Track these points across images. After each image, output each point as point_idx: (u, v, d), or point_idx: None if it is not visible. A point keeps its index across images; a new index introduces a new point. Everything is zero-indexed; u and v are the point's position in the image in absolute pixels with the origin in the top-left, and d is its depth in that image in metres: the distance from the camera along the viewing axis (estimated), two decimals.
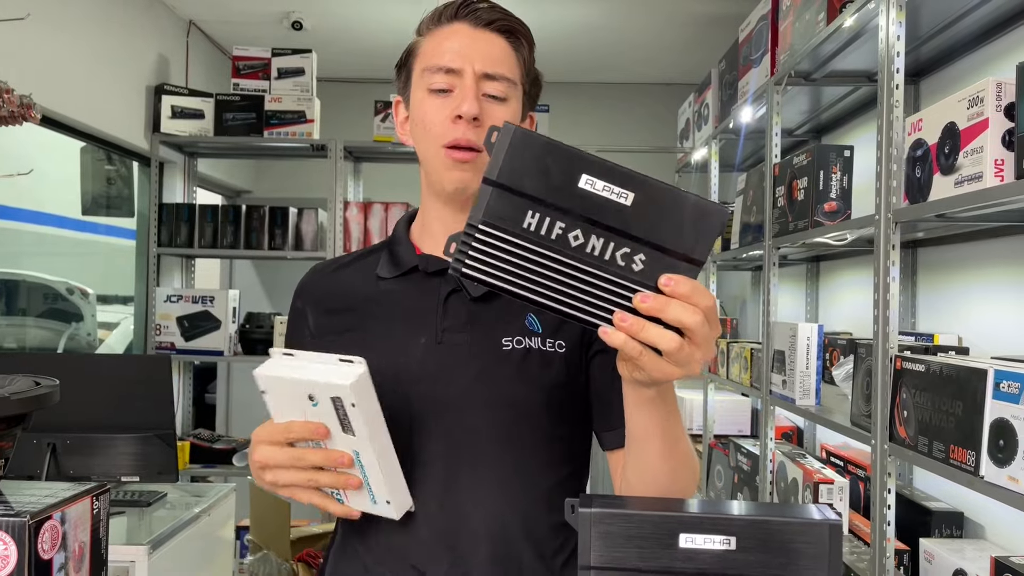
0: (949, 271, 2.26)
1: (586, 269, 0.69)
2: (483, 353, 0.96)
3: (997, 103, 1.32)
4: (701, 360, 0.71)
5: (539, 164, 0.68)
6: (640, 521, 0.72)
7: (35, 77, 2.61)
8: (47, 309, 4.31)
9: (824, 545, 0.70)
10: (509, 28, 0.99)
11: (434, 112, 0.97)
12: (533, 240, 0.69)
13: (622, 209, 0.68)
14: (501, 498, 0.94)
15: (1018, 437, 1.22)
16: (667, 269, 0.69)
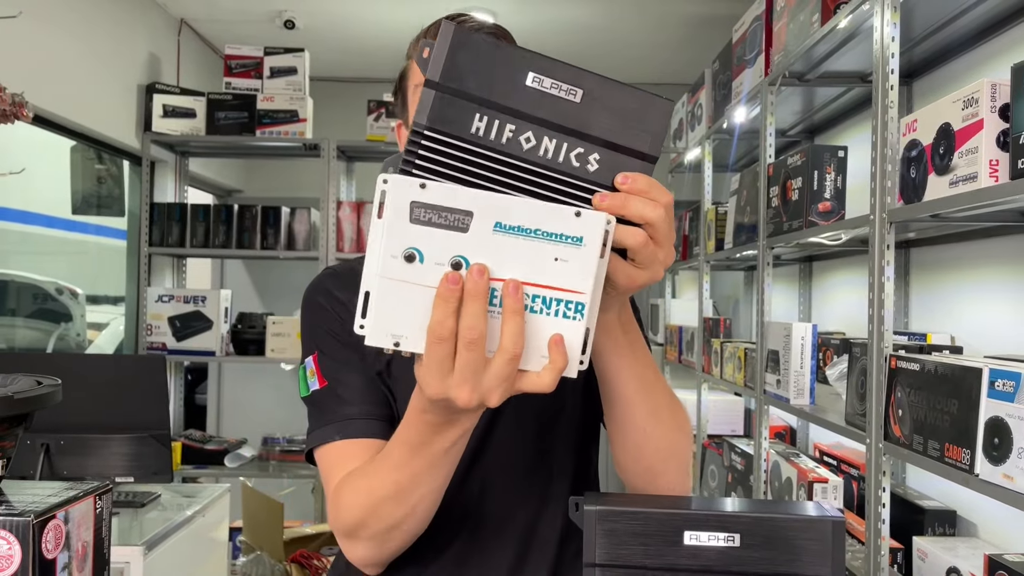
0: (942, 271, 2.28)
1: (541, 172, 0.66)
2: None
3: (992, 104, 1.33)
4: (664, 260, 0.70)
5: (483, 64, 0.65)
6: (645, 518, 0.72)
7: (26, 75, 2.59)
8: (36, 309, 4.28)
9: (827, 541, 0.71)
10: (496, 38, 0.98)
11: None
12: (483, 145, 0.65)
13: (572, 107, 0.66)
14: (526, 504, 0.95)
15: (1013, 435, 1.23)
16: (622, 167, 0.67)
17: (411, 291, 0.62)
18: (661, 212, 0.67)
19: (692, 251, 3.49)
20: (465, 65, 0.64)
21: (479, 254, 0.62)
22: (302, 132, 3.51)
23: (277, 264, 4.09)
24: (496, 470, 0.95)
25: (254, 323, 3.57)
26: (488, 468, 0.95)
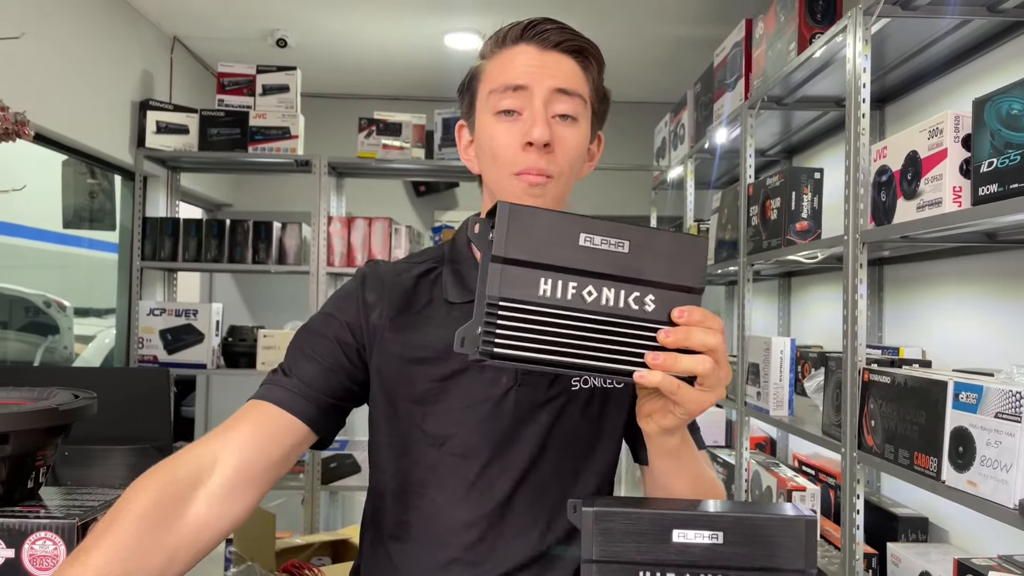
0: (913, 288, 2.38)
1: (606, 319, 0.74)
2: (557, 395, 0.98)
3: (955, 134, 1.42)
4: (725, 380, 0.77)
5: (539, 233, 0.73)
6: (637, 518, 0.79)
7: (22, 93, 2.64)
8: (25, 322, 4.30)
9: (802, 538, 0.78)
10: (578, 48, 0.97)
11: (502, 136, 0.94)
12: (552, 304, 0.73)
13: (622, 257, 0.74)
14: (553, 523, 0.98)
15: (976, 444, 1.32)
16: (675, 302, 0.76)
17: None
18: (719, 337, 0.75)
19: None
20: (523, 237, 0.72)
21: None
22: (294, 148, 3.57)
23: (266, 278, 4.13)
24: (532, 503, 0.98)
25: (245, 336, 3.62)
26: (524, 501, 0.98)
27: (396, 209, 4.75)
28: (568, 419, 0.98)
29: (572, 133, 0.95)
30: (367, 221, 3.59)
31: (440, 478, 0.98)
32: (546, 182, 0.94)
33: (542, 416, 0.97)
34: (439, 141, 3.62)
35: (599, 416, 1.01)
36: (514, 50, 0.97)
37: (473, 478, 0.97)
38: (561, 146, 0.94)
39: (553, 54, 0.96)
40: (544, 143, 0.92)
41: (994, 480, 1.27)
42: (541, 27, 0.97)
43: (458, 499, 0.97)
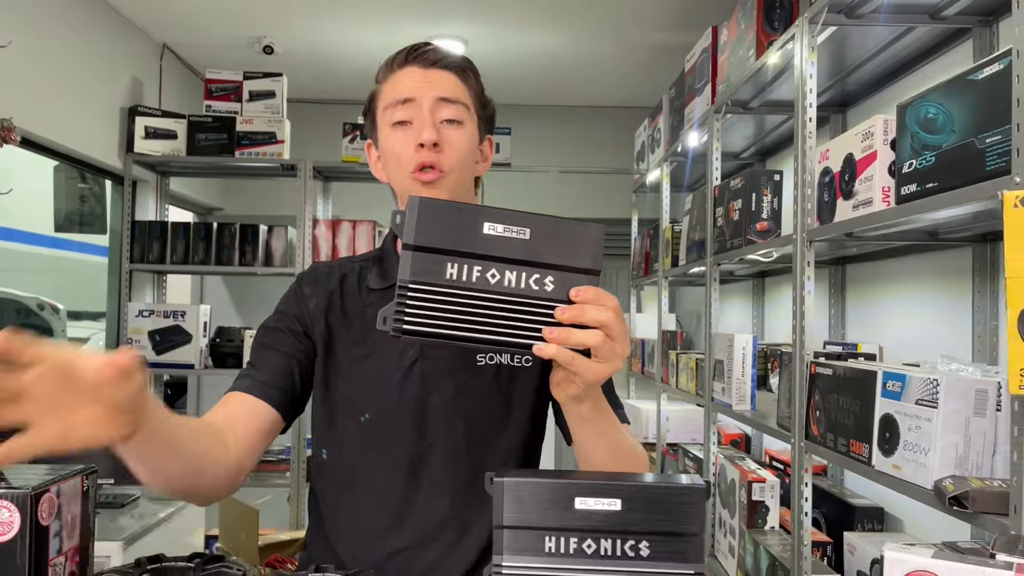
0: (872, 286, 2.45)
1: (508, 299, 0.82)
2: (460, 369, 1.09)
3: (885, 137, 1.50)
4: (621, 353, 0.85)
5: (446, 222, 0.81)
6: (543, 487, 0.87)
7: (12, 99, 2.72)
8: (18, 324, 4.38)
9: (694, 504, 0.86)
10: (456, 64, 1.11)
11: (399, 143, 1.07)
12: (458, 286, 0.82)
13: (524, 243, 0.82)
14: (466, 490, 1.08)
15: (900, 430, 1.39)
16: (573, 283, 0.84)
17: None
18: (611, 314, 0.82)
19: (652, 267, 3.66)
20: (432, 226, 0.81)
21: None
22: (280, 153, 3.65)
23: (255, 280, 4.20)
24: (445, 472, 1.09)
25: (232, 337, 3.69)
26: (437, 469, 1.08)
27: (384, 212, 4.82)
28: (474, 391, 1.10)
29: (458, 135, 1.08)
30: (352, 224, 3.66)
31: (361, 446, 1.10)
32: (438, 176, 1.06)
33: (448, 387, 1.09)
34: None
35: (507, 390, 1.11)
36: (402, 72, 1.10)
37: (388, 445, 1.09)
38: (449, 145, 1.07)
39: (434, 71, 1.10)
40: (433, 143, 1.05)
41: (915, 463, 1.34)
42: (422, 50, 1.11)
43: (377, 466, 1.08)
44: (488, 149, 1.18)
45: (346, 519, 1.11)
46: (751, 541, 2.21)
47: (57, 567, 0.88)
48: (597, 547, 0.87)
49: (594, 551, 0.87)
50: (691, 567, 0.86)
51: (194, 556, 0.95)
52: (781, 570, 1.97)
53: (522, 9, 3.48)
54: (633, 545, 0.86)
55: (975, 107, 1.20)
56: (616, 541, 0.86)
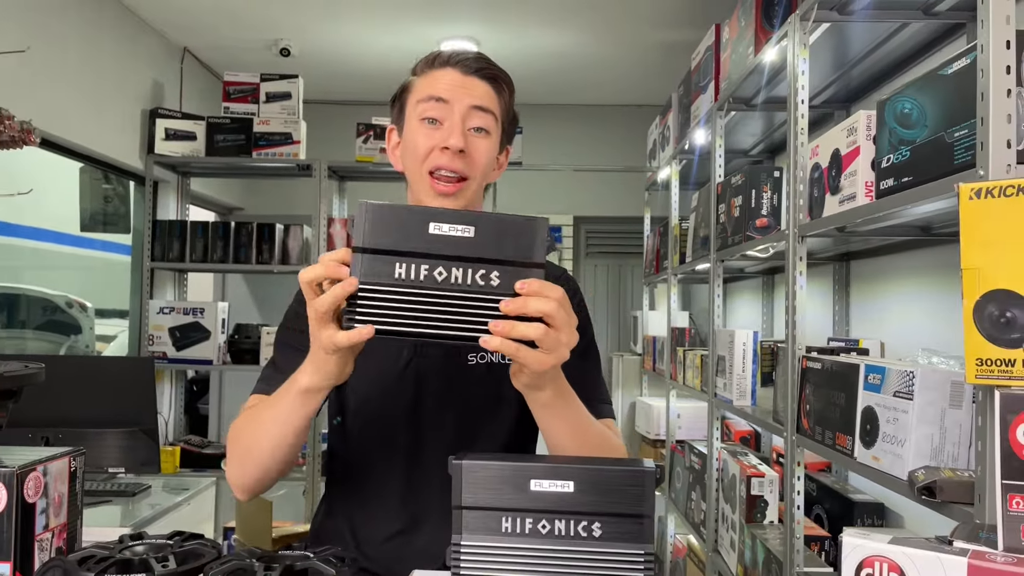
0: (876, 282, 2.45)
1: (455, 295, 0.86)
2: (452, 368, 1.15)
3: (868, 133, 1.51)
4: (566, 342, 0.88)
5: (394, 225, 0.85)
6: (500, 470, 0.90)
7: (38, 103, 2.82)
8: (47, 322, 4.50)
9: (642, 487, 0.89)
10: (493, 75, 1.14)
11: (424, 139, 1.10)
12: (407, 284, 0.86)
13: (469, 241, 0.86)
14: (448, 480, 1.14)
15: (879, 421, 1.41)
16: (518, 277, 0.87)
17: None
18: (554, 305, 0.85)
19: (663, 265, 3.67)
20: (381, 230, 0.85)
21: None
22: (296, 153, 3.73)
23: (273, 278, 4.29)
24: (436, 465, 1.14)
25: (250, 333, 3.77)
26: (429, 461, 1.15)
27: None
28: (465, 389, 1.15)
29: (484, 144, 1.12)
30: None
31: (361, 441, 1.17)
32: (460, 185, 1.11)
33: (440, 385, 1.14)
34: None
35: (496, 387, 1.14)
36: (441, 71, 1.13)
37: (386, 439, 1.15)
38: (475, 153, 1.11)
39: (472, 78, 1.13)
40: (459, 149, 1.08)
41: (892, 455, 1.36)
42: (464, 55, 1.14)
43: (377, 458, 1.16)
44: (504, 158, 1.21)
45: (349, 506, 1.18)
46: (749, 535, 2.22)
47: (43, 542, 0.93)
48: (552, 527, 0.90)
49: (549, 531, 0.90)
50: (641, 547, 0.89)
51: (174, 534, 1.00)
52: (775, 563, 1.98)
53: (533, 9, 3.51)
54: (586, 526, 0.90)
55: (945, 102, 1.21)
56: (570, 522, 0.90)
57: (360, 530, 1.16)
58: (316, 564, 0.88)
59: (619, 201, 4.78)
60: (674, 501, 3.30)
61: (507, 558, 0.90)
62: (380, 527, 1.16)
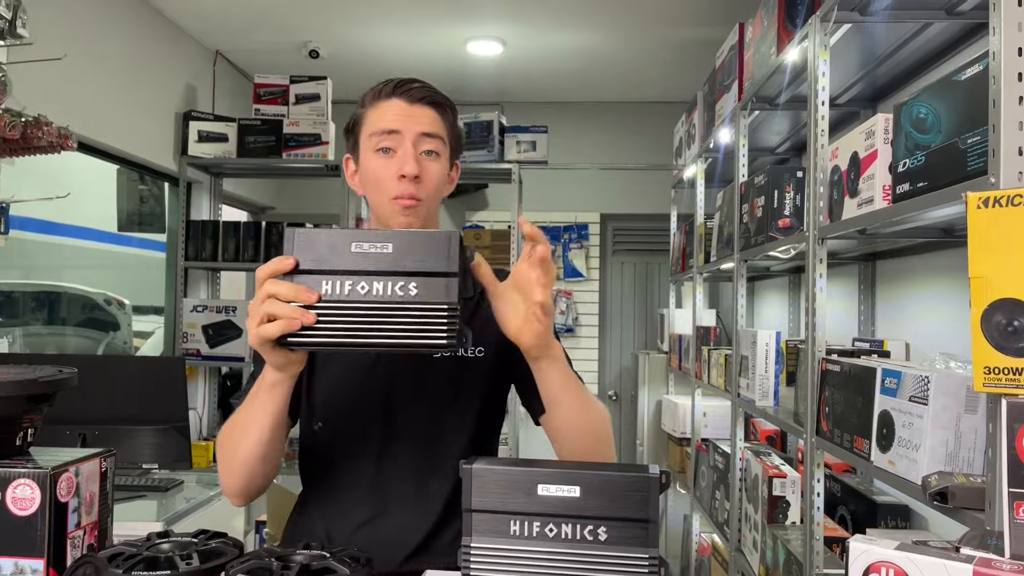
0: (902, 282, 2.43)
1: (378, 306, 0.93)
2: (417, 363, 1.21)
3: (885, 136, 1.51)
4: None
5: (319, 247, 0.93)
6: (509, 474, 0.93)
7: (75, 108, 2.91)
8: (86, 319, 4.63)
9: (647, 492, 0.91)
10: (436, 101, 1.22)
11: (382, 170, 1.19)
12: (333, 300, 0.93)
13: (387, 257, 0.93)
14: (426, 466, 1.20)
15: (895, 425, 1.41)
16: (436, 287, 0.93)
17: None
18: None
19: (689, 263, 3.66)
20: (307, 252, 0.93)
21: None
22: (324, 154, 3.79)
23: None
24: (406, 455, 1.22)
25: None
26: (400, 452, 1.22)
27: None
28: (430, 381, 1.22)
29: (435, 166, 1.21)
30: None
31: (334, 436, 1.23)
32: (417, 204, 1.19)
33: (407, 380, 1.22)
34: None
35: (458, 378, 1.22)
36: (388, 103, 1.21)
37: (357, 433, 1.22)
38: (427, 175, 1.20)
39: (418, 106, 1.21)
40: (414, 175, 1.17)
41: (907, 459, 1.36)
42: (408, 85, 1.22)
43: (348, 451, 1.21)
44: (455, 173, 1.30)
45: (322, 502, 1.24)
46: (771, 535, 2.22)
47: (75, 540, 0.98)
48: (559, 531, 0.93)
49: (556, 534, 0.93)
50: (646, 551, 0.91)
51: (199, 532, 1.04)
52: (796, 565, 1.99)
53: (559, 8, 3.52)
54: (592, 529, 0.92)
55: (959, 108, 1.21)
56: (576, 525, 0.92)
57: (332, 523, 1.22)
58: (332, 563, 0.92)
59: (646, 198, 4.78)
60: (699, 500, 3.31)
61: (515, 560, 0.93)
62: (351, 517, 1.21)
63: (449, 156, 1.25)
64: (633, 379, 4.79)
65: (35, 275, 4.12)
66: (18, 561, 0.93)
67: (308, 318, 0.92)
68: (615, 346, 5.12)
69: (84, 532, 1.00)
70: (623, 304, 5.14)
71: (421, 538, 1.19)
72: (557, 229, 5.02)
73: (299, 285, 0.93)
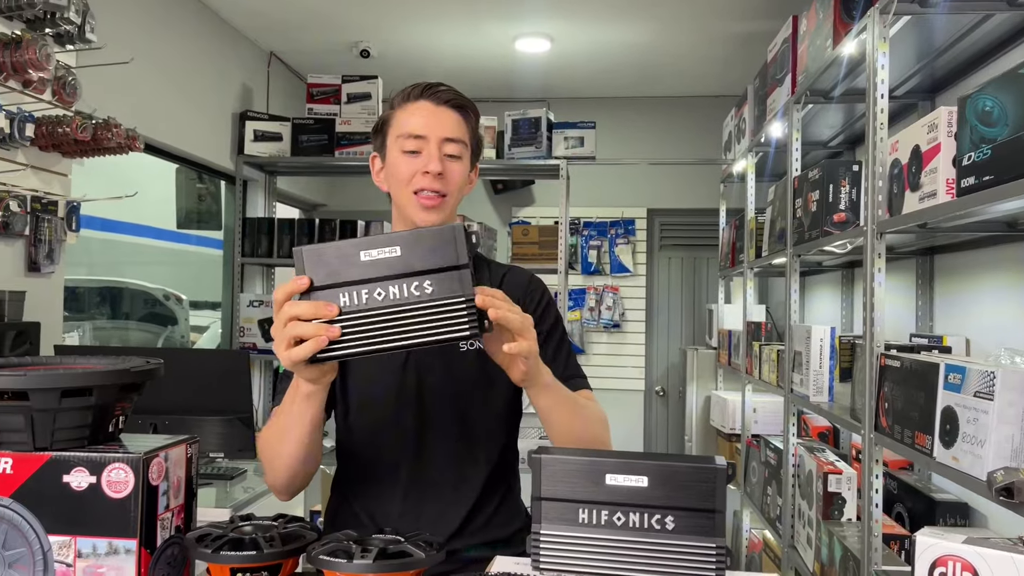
0: (962, 276, 2.39)
1: (397, 308, 0.95)
2: (447, 356, 1.28)
3: (949, 129, 1.49)
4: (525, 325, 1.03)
5: (329, 261, 0.95)
6: (577, 464, 0.96)
7: (139, 110, 3.01)
8: (146, 313, 4.79)
9: (714, 483, 0.93)
10: (461, 104, 1.28)
11: (406, 167, 1.26)
12: (353, 310, 0.95)
13: (397, 260, 0.95)
14: (459, 453, 1.29)
15: (960, 421, 1.40)
16: (448, 280, 0.95)
17: None
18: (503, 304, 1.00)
19: (738, 258, 3.64)
20: (318, 268, 0.96)
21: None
22: None
23: None
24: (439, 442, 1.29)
25: None
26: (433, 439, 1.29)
27: (477, 206, 4.98)
28: (459, 373, 1.29)
29: (457, 166, 1.28)
30: None
31: (371, 428, 1.30)
32: (440, 201, 1.26)
33: (438, 371, 1.29)
34: (509, 141, 3.82)
35: (486, 369, 1.25)
36: (415, 104, 1.28)
37: (393, 423, 1.29)
38: (450, 174, 1.27)
39: (443, 109, 1.27)
40: (438, 173, 1.25)
41: (971, 455, 1.35)
42: (435, 88, 1.28)
43: (384, 441, 1.29)
44: (474, 175, 1.37)
45: (363, 493, 1.31)
46: (826, 532, 2.21)
47: (165, 521, 1.03)
48: (626, 520, 0.95)
49: (623, 523, 0.95)
50: (713, 541, 0.93)
51: (278, 516, 1.09)
52: (852, 561, 1.98)
53: (607, 4, 3.52)
54: (659, 519, 0.94)
55: None
56: (643, 515, 0.95)
57: (376, 512, 1.29)
58: (408, 547, 0.96)
59: (694, 193, 4.75)
60: (749, 496, 3.29)
61: (584, 548, 0.96)
62: (390, 507, 1.28)
63: (470, 158, 1.31)
64: (681, 375, 4.78)
65: (100, 271, 4.27)
66: (112, 541, 0.99)
67: (333, 332, 0.95)
68: (662, 342, 5.11)
69: (172, 514, 1.05)
70: (670, 299, 5.12)
71: (458, 523, 1.27)
72: (604, 224, 5.02)
73: (317, 302, 0.96)
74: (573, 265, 4.94)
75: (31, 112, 2.37)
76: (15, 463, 0.99)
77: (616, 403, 4.75)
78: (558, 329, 1.34)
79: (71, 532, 0.98)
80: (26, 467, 0.98)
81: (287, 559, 1.00)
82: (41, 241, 2.52)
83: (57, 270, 2.64)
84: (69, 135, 2.42)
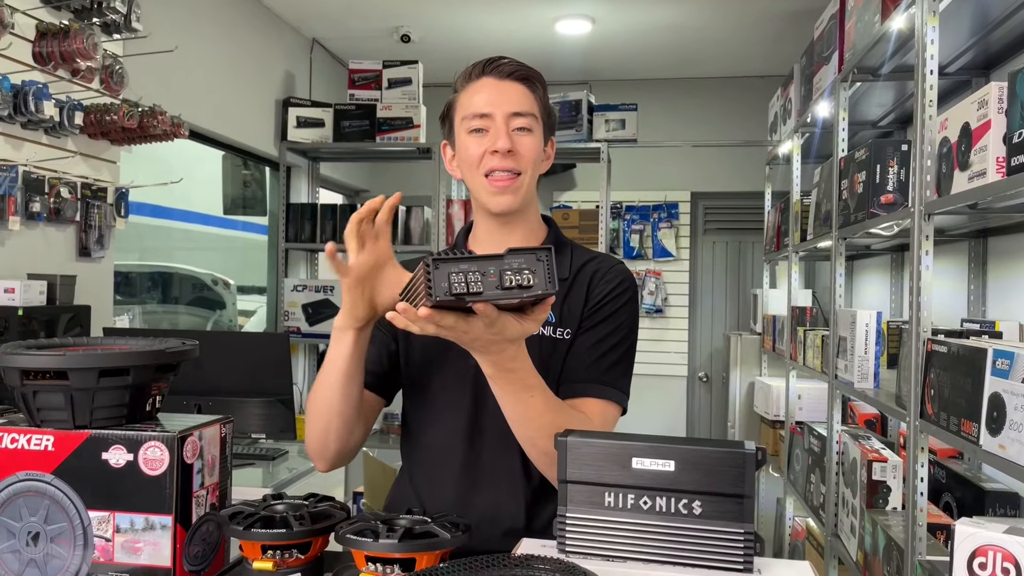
0: (1016, 259, 2.31)
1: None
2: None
3: (1000, 106, 1.43)
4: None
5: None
6: (604, 447, 0.95)
7: (184, 97, 3.06)
8: (195, 298, 4.90)
9: (742, 467, 0.91)
10: (525, 76, 1.23)
11: (474, 148, 1.21)
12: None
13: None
14: (516, 446, 1.20)
15: (1007, 408, 1.35)
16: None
17: None
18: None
19: (783, 242, 3.57)
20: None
21: None
22: (416, 137, 3.86)
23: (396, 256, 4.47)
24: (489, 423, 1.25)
25: None
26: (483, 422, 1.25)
27: None
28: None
29: (528, 140, 1.21)
30: None
31: (431, 412, 1.28)
32: (513, 180, 1.21)
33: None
34: None
35: (545, 358, 1.22)
36: (478, 83, 1.23)
37: (451, 409, 1.26)
38: (522, 149, 1.21)
39: (507, 83, 1.22)
40: (507, 150, 1.19)
41: (1019, 443, 1.30)
42: (497, 62, 1.23)
43: (443, 426, 1.26)
44: (551, 149, 1.29)
45: (420, 475, 1.30)
46: (870, 520, 2.17)
47: (200, 498, 1.06)
48: (653, 504, 0.94)
49: (650, 507, 0.94)
50: (741, 526, 0.92)
51: (309, 496, 1.10)
52: (896, 551, 1.93)
53: None
54: (687, 503, 0.93)
55: None
56: (671, 499, 0.93)
57: (428, 497, 1.27)
58: (434, 528, 0.96)
59: (738, 176, 4.66)
60: (792, 483, 3.24)
61: (610, 531, 0.95)
62: (445, 491, 1.26)
63: (543, 132, 1.24)
64: (724, 360, 4.71)
65: (149, 256, 4.38)
66: (148, 517, 1.01)
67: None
68: (705, 327, 5.04)
69: (207, 492, 1.08)
70: (714, 284, 5.05)
71: (521, 517, 1.23)
72: (646, 208, 4.96)
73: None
74: (615, 250, 4.91)
75: (80, 100, 2.44)
76: (56, 441, 1.02)
77: (658, 389, 4.72)
78: (617, 329, 1.25)
79: (110, 508, 1.01)
80: (67, 445, 1.01)
81: (316, 537, 1.01)
82: (91, 227, 2.59)
83: (107, 255, 2.71)
84: (117, 123, 2.47)
